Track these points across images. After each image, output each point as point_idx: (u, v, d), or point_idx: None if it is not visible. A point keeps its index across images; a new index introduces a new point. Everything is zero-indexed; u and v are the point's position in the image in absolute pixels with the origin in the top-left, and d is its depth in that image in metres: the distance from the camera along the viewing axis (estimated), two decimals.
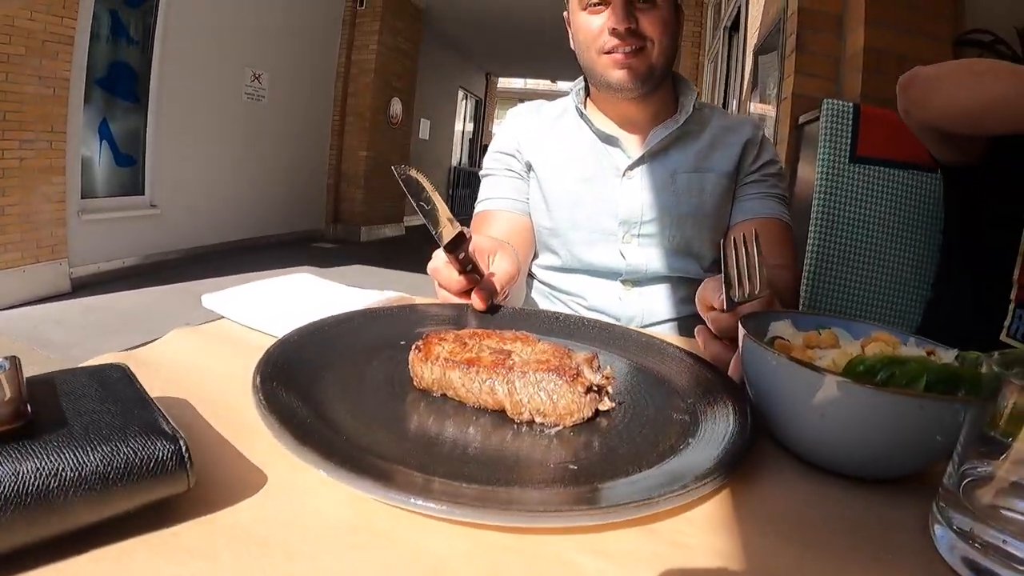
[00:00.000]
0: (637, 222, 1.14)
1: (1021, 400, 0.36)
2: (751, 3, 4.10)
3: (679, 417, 0.55)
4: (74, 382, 0.43)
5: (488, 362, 0.53)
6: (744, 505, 0.44)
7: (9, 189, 4.28)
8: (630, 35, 1.05)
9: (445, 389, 0.55)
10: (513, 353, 0.56)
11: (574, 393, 0.51)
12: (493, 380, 0.52)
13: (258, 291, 0.84)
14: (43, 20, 4.29)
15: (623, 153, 1.16)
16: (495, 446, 0.49)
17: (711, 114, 1.22)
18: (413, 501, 0.37)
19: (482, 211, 1.24)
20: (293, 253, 6.99)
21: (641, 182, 1.16)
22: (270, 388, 0.49)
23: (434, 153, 12.19)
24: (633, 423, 0.54)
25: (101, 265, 5.17)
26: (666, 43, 1.09)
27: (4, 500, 0.31)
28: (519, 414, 0.52)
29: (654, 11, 1.07)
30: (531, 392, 0.51)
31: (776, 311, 0.65)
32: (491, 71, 15.47)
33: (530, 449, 0.49)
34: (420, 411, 0.54)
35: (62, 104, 4.55)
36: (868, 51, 2.34)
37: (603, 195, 1.16)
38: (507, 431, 0.51)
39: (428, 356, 0.55)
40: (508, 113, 1.32)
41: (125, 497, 0.34)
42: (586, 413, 0.52)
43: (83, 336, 3.83)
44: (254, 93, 7.03)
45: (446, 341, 0.58)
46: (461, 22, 10.50)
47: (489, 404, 0.53)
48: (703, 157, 1.17)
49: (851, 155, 1.48)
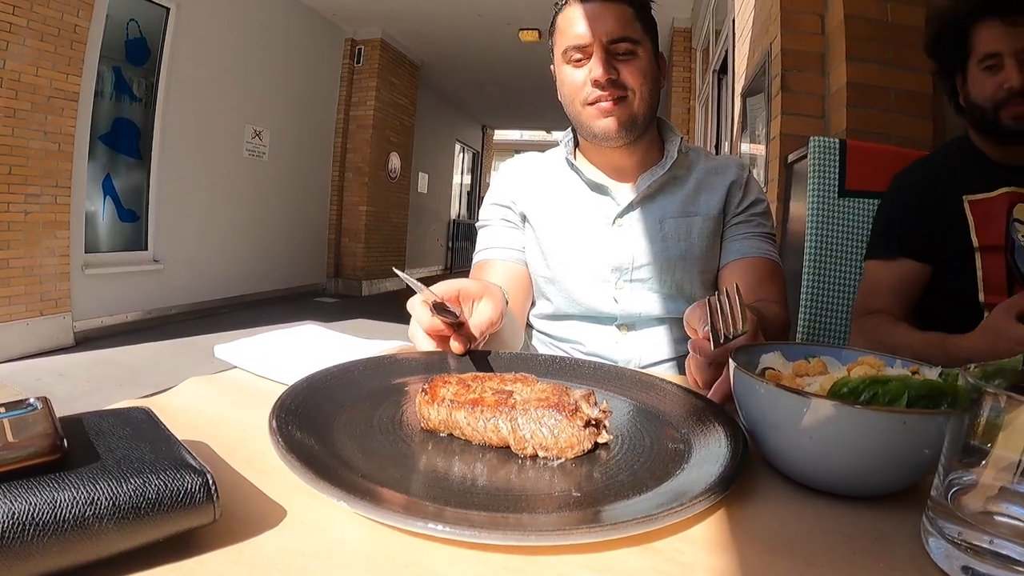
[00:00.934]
0: (629, 268, 1.17)
1: (1002, 409, 0.38)
2: (737, 47, 4.22)
3: (674, 446, 0.58)
4: (101, 422, 0.45)
5: (491, 402, 0.56)
6: (740, 525, 0.46)
7: (14, 242, 4.35)
8: (611, 85, 1.10)
9: (451, 429, 0.58)
10: (514, 393, 0.59)
11: (574, 427, 0.53)
12: (497, 418, 0.55)
13: (268, 342, 0.87)
14: (48, 76, 4.43)
15: (612, 201, 1.20)
16: (502, 478, 0.51)
17: (696, 157, 1.26)
18: (430, 526, 0.40)
19: (480, 261, 1.28)
20: (295, 308, 7.04)
21: (631, 229, 1.19)
22: (286, 431, 0.51)
23: (433, 206, 12.33)
24: (631, 453, 0.56)
25: (104, 319, 5.22)
26: (647, 92, 1.13)
27: (41, 527, 0.33)
28: (523, 449, 0.54)
29: (634, 61, 1.11)
30: (533, 428, 0.54)
31: (764, 344, 0.68)
32: (487, 124, 15.73)
33: (535, 480, 0.51)
34: (428, 450, 0.56)
35: (67, 159, 4.66)
36: (851, 87, 2.41)
37: (595, 243, 1.19)
38: (512, 465, 0.53)
39: (434, 398, 0.58)
40: (502, 165, 1.36)
41: (155, 526, 0.36)
42: (586, 446, 0.54)
43: (88, 389, 3.84)
44: (255, 150, 7.17)
45: (450, 384, 0.60)
46: (457, 77, 10.77)
47: (494, 441, 0.55)
48: (690, 201, 1.20)
49: (840, 189, 1.52)
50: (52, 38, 4.42)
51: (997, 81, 1.24)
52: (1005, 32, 1.24)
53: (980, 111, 1.28)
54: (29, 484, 0.35)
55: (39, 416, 0.41)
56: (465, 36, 8.59)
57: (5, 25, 4.13)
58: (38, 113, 4.40)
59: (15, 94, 4.24)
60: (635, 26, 1.12)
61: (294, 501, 0.46)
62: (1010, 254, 1.25)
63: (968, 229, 1.28)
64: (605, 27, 1.09)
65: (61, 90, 4.54)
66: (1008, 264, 1.25)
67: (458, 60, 9.78)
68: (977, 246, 1.27)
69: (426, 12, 7.83)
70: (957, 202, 1.30)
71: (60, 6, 4.44)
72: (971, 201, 1.30)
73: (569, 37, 1.12)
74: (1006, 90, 1.22)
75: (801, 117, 2.72)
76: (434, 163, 12.16)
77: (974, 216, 1.29)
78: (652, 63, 1.15)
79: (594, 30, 1.09)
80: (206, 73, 6.24)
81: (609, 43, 1.10)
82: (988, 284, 1.26)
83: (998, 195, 1.28)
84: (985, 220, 1.28)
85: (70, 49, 4.56)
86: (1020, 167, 1.29)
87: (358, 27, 8.57)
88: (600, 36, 1.09)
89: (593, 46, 1.10)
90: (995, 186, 1.29)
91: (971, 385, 0.40)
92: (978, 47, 1.28)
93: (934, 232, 1.32)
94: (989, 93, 1.26)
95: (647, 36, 1.14)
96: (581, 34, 1.10)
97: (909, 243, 1.35)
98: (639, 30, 1.12)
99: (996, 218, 1.27)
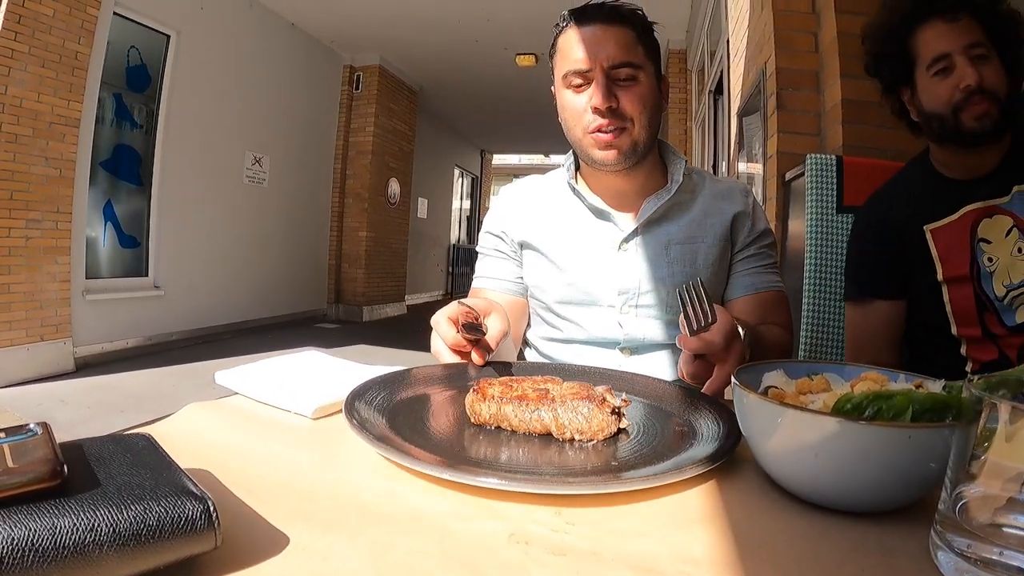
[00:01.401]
0: (634, 293, 1.16)
1: (1007, 419, 0.38)
2: (732, 67, 4.26)
3: (679, 428, 0.71)
4: (102, 448, 0.45)
5: (534, 397, 0.68)
6: (747, 546, 0.46)
7: (15, 267, 4.36)
8: (611, 114, 1.08)
9: (499, 422, 0.69)
10: (550, 390, 0.70)
11: (604, 414, 0.65)
12: (540, 410, 0.67)
13: (269, 368, 0.88)
14: (50, 102, 4.47)
15: (616, 227, 1.19)
16: (552, 454, 0.63)
17: (701, 180, 1.25)
18: (491, 481, 0.51)
19: (476, 287, 1.30)
20: (296, 334, 7.03)
21: (636, 254, 1.18)
22: (359, 420, 0.62)
23: (433, 232, 12.38)
24: (647, 434, 0.69)
25: (105, 345, 5.21)
26: (647, 119, 1.12)
27: (41, 553, 0.32)
28: (563, 434, 0.66)
29: (635, 88, 1.10)
30: (571, 416, 0.65)
31: (766, 363, 0.67)
32: (485, 148, 15.81)
33: (576, 455, 0.63)
34: (481, 439, 0.67)
35: (68, 185, 4.69)
36: (846, 103, 2.43)
37: (599, 268, 1.18)
38: (555, 447, 0.65)
39: (484, 396, 0.69)
40: (500, 190, 1.35)
41: (156, 554, 0.36)
42: (613, 429, 0.66)
43: (88, 415, 3.83)
44: (255, 176, 7.21)
45: (494, 385, 0.71)
46: (455, 102, 10.87)
47: (537, 429, 0.67)
48: (696, 227, 1.19)
49: (838, 206, 1.53)
50: (53, 64, 4.47)
51: (951, 83, 1.18)
52: (950, 31, 1.18)
53: (939, 119, 1.21)
54: (29, 510, 0.34)
55: (39, 442, 0.40)
56: (462, 62, 8.68)
57: (7, 51, 4.17)
58: (39, 139, 4.44)
59: (16, 120, 4.28)
60: (637, 50, 1.10)
61: (296, 529, 0.45)
62: (976, 282, 1.21)
63: (933, 262, 1.25)
64: (606, 52, 1.07)
65: (62, 116, 4.58)
66: (976, 293, 1.21)
67: (456, 85, 9.88)
68: (942, 279, 1.24)
69: (423, 38, 7.93)
70: (919, 234, 1.27)
71: (61, 33, 4.49)
72: (933, 230, 1.26)
73: (569, 61, 1.11)
74: (963, 90, 1.15)
75: (797, 135, 2.74)
76: (433, 188, 12.22)
77: (937, 247, 1.25)
78: (654, 88, 1.13)
79: (595, 55, 1.08)
80: (206, 100, 6.30)
81: (610, 68, 1.08)
82: (958, 316, 1.23)
83: (960, 216, 1.23)
84: (949, 250, 1.24)
85: (71, 75, 4.61)
86: (981, 178, 1.23)
87: (356, 54, 8.67)
88: (601, 62, 1.07)
89: (594, 72, 1.08)
90: (957, 207, 1.24)
91: (975, 397, 0.40)
92: (924, 52, 1.21)
93: (900, 270, 1.30)
94: (946, 98, 1.18)
95: (649, 60, 1.13)
96: (581, 59, 1.09)
97: (877, 286, 1.33)
98: (641, 54, 1.11)
99: (960, 245, 1.23)
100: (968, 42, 1.16)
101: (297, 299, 8.16)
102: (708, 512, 0.51)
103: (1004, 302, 1.18)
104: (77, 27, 4.61)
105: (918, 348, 1.34)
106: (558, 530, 0.47)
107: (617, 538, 0.46)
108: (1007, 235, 1.19)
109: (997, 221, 1.20)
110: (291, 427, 0.69)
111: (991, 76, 1.16)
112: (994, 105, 1.15)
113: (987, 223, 1.21)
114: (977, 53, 1.16)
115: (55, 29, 4.45)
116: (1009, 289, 1.18)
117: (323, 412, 0.72)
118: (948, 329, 1.25)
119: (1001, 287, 1.19)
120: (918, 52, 1.23)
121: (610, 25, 1.09)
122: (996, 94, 1.15)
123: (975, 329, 1.22)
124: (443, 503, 0.51)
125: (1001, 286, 1.19)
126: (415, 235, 10.77)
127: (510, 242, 1.27)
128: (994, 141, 1.19)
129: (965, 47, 1.16)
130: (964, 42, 1.16)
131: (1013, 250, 1.18)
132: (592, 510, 0.51)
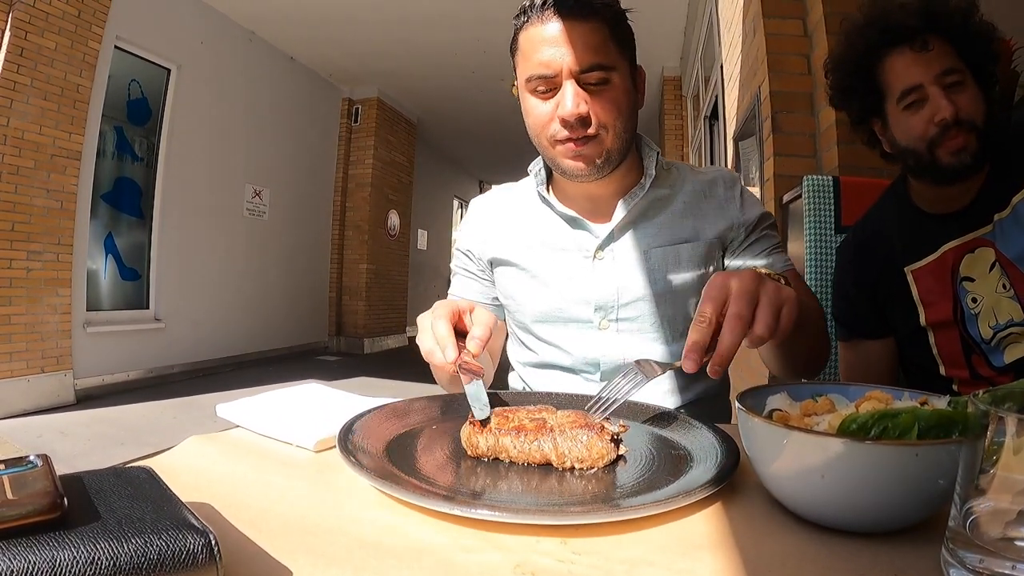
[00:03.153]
0: (614, 306, 1.07)
1: (1014, 432, 0.37)
2: (727, 92, 4.30)
3: (676, 452, 0.70)
4: (102, 481, 0.44)
5: (532, 427, 0.67)
6: (756, 570, 0.45)
7: (16, 299, 4.38)
8: (581, 124, 0.96)
9: (498, 453, 0.67)
10: (547, 419, 0.68)
11: (603, 441, 0.64)
12: (540, 440, 0.65)
13: (270, 401, 0.87)
14: (51, 135, 4.53)
15: (590, 234, 1.09)
16: (532, 488, 0.61)
17: (680, 174, 1.14)
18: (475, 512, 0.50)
19: None
20: (297, 367, 7.01)
21: (613, 263, 1.08)
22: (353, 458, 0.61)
23: (433, 263, 12.39)
24: (646, 461, 0.68)
25: (105, 378, 5.20)
26: (621, 125, 1.00)
27: None
28: (563, 463, 0.65)
29: (608, 91, 0.97)
30: (570, 445, 0.64)
31: (768, 386, 0.66)
32: (484, 179, 15.86)
33: (579, 484, 0.62)
34: (479, 471, 0.66)
35: (69, 217, 4.73)
36: (840, 124, 2.44)
37: (574, 281, 1.08)
38: (555, 476, 0.64)
39: (482, 428, 0.68)
40: (471, 203, 1.28)
41: None
42: (612, 456, 0.65)
43: (88, 447, 3.80)
44: (255, 209, 7.26)
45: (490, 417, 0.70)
46: (452, 133, 10.99)
47: (536, 459, 0.66)
48: (677, 226, 1.09)
49: (836, 226, 1.54)
50: (55, 97, 4.54)
51: (924, 117, 1.09)
52: (918, 60, 1.09)
53: (913, 155, 1.13)
54: (28, 543, 0.34)
55: (39, 474, 0.40)
56: (459, 93, 8.79)
57: (9, 84, 4.24)
58: (41, 171, 4.49)
59: (19, 152, 4.33)
60: (609, 48, 0.96)
61: (299, 562, 0.45)
62: (962, 326, 1.15)
63: (916, 307, 1.20)
64: (574, 56, 0.94)
65: (64, 148, 4.64)
66: (962, 336, 1.16)
67: (453, 116, 9.99)
68: (926, 324, 1.20)
69: (421, 70, 8.04)
70: (900, 276, 1.22)
71: (63, 66, 4.57)
72: (915, 272, 1.20)
73: (532, 64, 0.97)
74: (938, 124, 1.07)
75: (793, 157, 2.75)
76: (433, 219, 12.27)
77: (920, 291, 1.20)
78: (628, 86, 1.01)
79: (561, 58, 0.94)
80: (206, 133, 6.37)
81: (579, 73, 0.95)
82: (945, 359, 1.19)
83: (941, 255, 1.17)
84: (931, 294, 1.19)
85: (73, 108, 4.67)
86: (960, 211, 1.16)
87: (355, 86, 8.78)
88: (569, 66, 0.94)
89: (560, 77, 0.95)
90: (937, 244, 1.18)
91: (981, 411, 0.39)
92: (893, 84, 1.13)
93: (883, 311, 1.27)
94: (919, 132, 1.10)
95: (623, 56, 1.00)
96: (546, 62, 0.95)
97: (863, 328, 1.30)
98: (613, 51, 0.97)
99: (942, 287, 1.17)
100: (940, 70, 1.08)
101: (298, 332, 8.16)
102: (715, 537, 0.50)
103: (991, 344, 1.13)
104: (79, 60, 4.69)
105: (913, 383, 1.30)
106: (564, 560, 0.46)
107: (625, 567, 0.45)
108: (990, 270, 1.12)
109: (980, 255, 1.14)
110: (293, 460, 0.69)
111: (967, 105, 1.08)
112: (972, 136, 1.07)
113: (969, 258, 1.15)
114: (951, 81, 1.08)
115: (57, 62, 4.52)
116: (996, 330, 1.12)
117: (325, 445, 0.72)
118: (937, 370, 1.21)
119: (987, 328, 1.13)
120: (887, 84, 1.15)
121: (578, 21, 0.94)
122: (974, 123, 1.07)
123: (963, 371, 1.17)
124: (445, 535, 0.50)
125: (987, 328, 1.13)
126: (415, 266, 10.80)
127: (477, 261, 1.20)
128: (974, 173, 1.12)
129: (937, 76, 1.08)
130: (935, 71, 1.08)
131: (997, 287, 1.12)
132: (598, 539, 0.50)
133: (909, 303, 1.21)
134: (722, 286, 0.69)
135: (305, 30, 6.97)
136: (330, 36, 7.12)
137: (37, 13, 4.36)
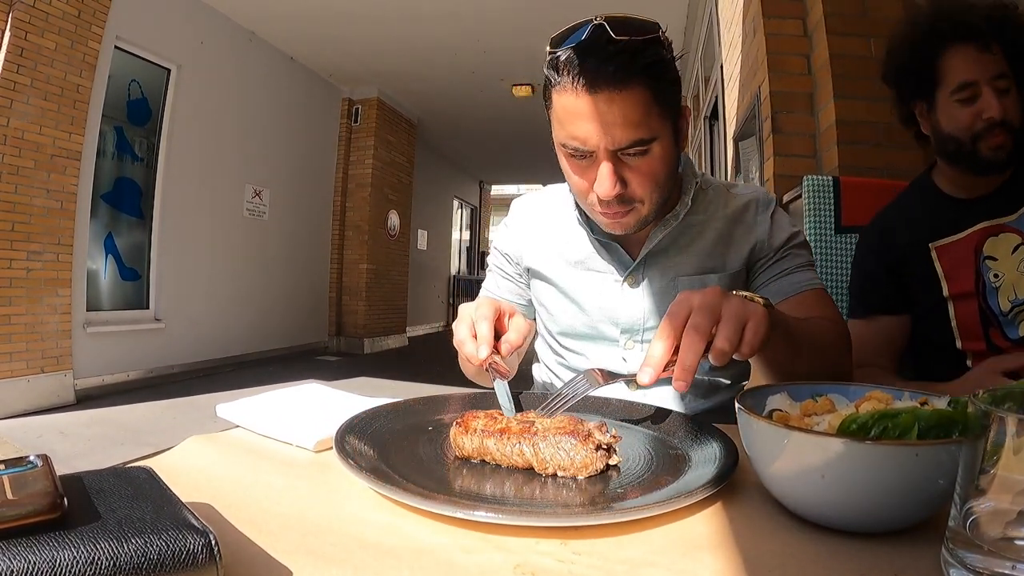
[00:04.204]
0: (639, 329, 1.09)
1: (1014, 432, 0.38)
2: (726, 92, 4.30)
3: (674, 452, 0.70)
4: (102, 481, 0.44)
5: (516, 430, 0.66)
6: (756, 571, 0.45)
7: (16, 299, 4.37)
8: (619, 202, 0.94)
9: (483, 455, 0.67)
10: (535, 423, 0.68)
11: (587, 450, 0.62)
12: (521, 444, 0.64)
13: (270, 401, 0.87)
14: (52, 135, 4.52)
15: (621, 259, 1.10)
16: (529, 490, 0.61)
17: (716, 198, 1.12)
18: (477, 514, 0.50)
19: None
20: (297, 367, 7.00)
21: (641, 288, 1.10)
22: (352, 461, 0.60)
23: (433, 263, 12.40)
24: (643, 460, 0.68)
25: (105, 378, 5.20)
26: (659, 195, 0.97)
27: None
28: (544, 469, 0.64)
29: (646, 162, 0.92)
30: (552, 451, 0.63)
31: (769, 386, 0.67)
32: (484, 179, 15.90)
33: (580, 486, 0.62)
34: (464, 473, 0.66)
35: (69, 217, 4.72)
36: (840, 124, 2.45)
37: (603, 302, 1.11)
38: (537, 482, 0.63)
39: (467, 429, 0.68)
40: (512, 205, 1.28)
41: None
42: (599, 466, 0.63)
43: (88, 448, 3.80)
44: (255, 209, 7.25)
45: (479, 418, 0.70)
46: (452, 134, 10.98)
47: (519, 464, 0.65)
48: (706, 256, 1.09)
49: (836, 226, 1.54)
50: (55, 97, 4.53)
51: (974, 112, 1.18)
52: (979, 59, 1.18)
53: (956, 143, 1.22)
54: (28, 543, 0.34)
55: (39, 474, 0.40)
56: (460, 93, 8.79)
57: (9, 84, 4.23)
58: (41, 171, 4.48)
59: (19, 152, 4.32)
60: (651, 117, 0.89)
61: (299, 563, 0.45)
62: (982, 298, 1.23)
63: (938, 280, 1.27)
64: (612, 134, 0.88)
65: (64, 148, 4.63)
66: (981, 308, 1.22)
67: (453, 117, 9.99)
68: (948, 295, 1.26)
69: (421, 71, 8.03)
70: (924, 253, 1.29)
71: (63, 66, 4.56)
72: (938, 248, 1.28)
73: (567, 133, 0.91)
74: (985, 120, 1.17)
75: (793, 157, 2.75)
76: (433, 220, 12.25)
77: (943, 265, 1.27)
78: (669, 149, 0.95)
79: (598, 136, 0.88)
80: (206, 133, 6.36)
81: (616, 152, 0.90)
82: (963, 331, 1.25)
83: (966, 235, 1.25)
84: (954, 267, 1.25)
85: (73, 108, 4.67)
86: (984, 197, 1.26)
87: (355, 87, 8.77)
88: (606, 146, 0.89)
89: (598, 154, 0.90)
90: (962, 225, 1.26)
91: (981, 411, 0.39)
92: (950, 76, 1.21)
93: (905, 288, 1.32)
94: (966, 124, 1.19)
95: (665, 120, 0.93)
96: (582, 138, 0.90)
97: (882, 303, 1.35)
98: (655, 120, 0.90)
99: (965, 262, 1.24)
100: (995, 73, 1.17)
101: (298, 332, 8.14)
102: (715, 538, 0.50)
103: (1008, 316, 1.20)
104: (79, 60, 4.68)
105: (923, 362, 1.35)
106: (564, 560, 0.46)
107: (626, 567, 0.45)
108: (1014, 252, 1.21)
109: (1004, 239, 1.22)
110: (293, 460, 0.69)
111: (1011, 109, 1.18)
112: (1010, 137, 1.17)
113: (993, 241, 1.23)
114: (1002, 85, 1.17)
115: (57, 62, 4.52)
116: (1014, 304, 1.20)
117: (325, 445, 0.72)
118: (953, 343, 1.26)
119: (1006, 302, 1.20)
120: (943, 73, 1.22)
121: (618, 91, 0.86)
122: (1013, 126, 1.18)
123: (979, 343, 1.23)
124: (445, 536, 0.50)
125: (1006, 301, 1.21)
126: (415, 267, 10.79)
127: (514, 264, 1.24)
128: (1006, 169, 1.23)
129: (992, 78, 1.17)
130: (992, 73, 1.17)
131: (1020, 266, 1.20)
132: (598, 540, 0.50)
133: (932, 277, 1.28)
134: (684, 302, 0.71)
135: (305, 30, 6.96)
136: (330, 36, 7.11)
137: (37, 13, 4.35)
